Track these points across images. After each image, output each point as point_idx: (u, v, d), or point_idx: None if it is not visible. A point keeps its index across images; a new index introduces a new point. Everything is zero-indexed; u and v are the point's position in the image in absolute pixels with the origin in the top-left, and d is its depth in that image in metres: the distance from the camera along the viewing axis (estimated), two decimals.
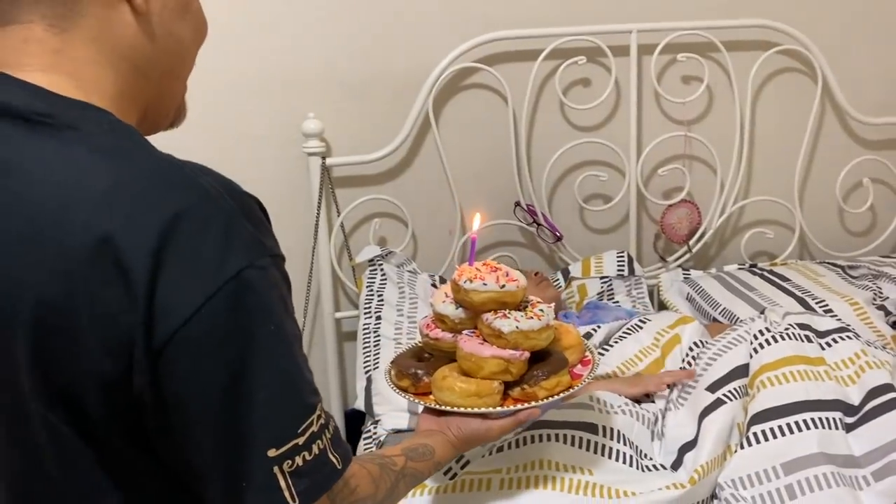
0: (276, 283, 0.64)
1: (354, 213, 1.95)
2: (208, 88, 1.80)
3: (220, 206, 0.63)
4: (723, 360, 1.32)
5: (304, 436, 0.62)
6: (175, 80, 0.78)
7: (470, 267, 1.01)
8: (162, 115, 0.79)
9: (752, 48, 2.02)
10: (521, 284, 1.00)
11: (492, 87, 1.95)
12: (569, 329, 1.09)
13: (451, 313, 1.02)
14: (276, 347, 0.62)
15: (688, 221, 2.06)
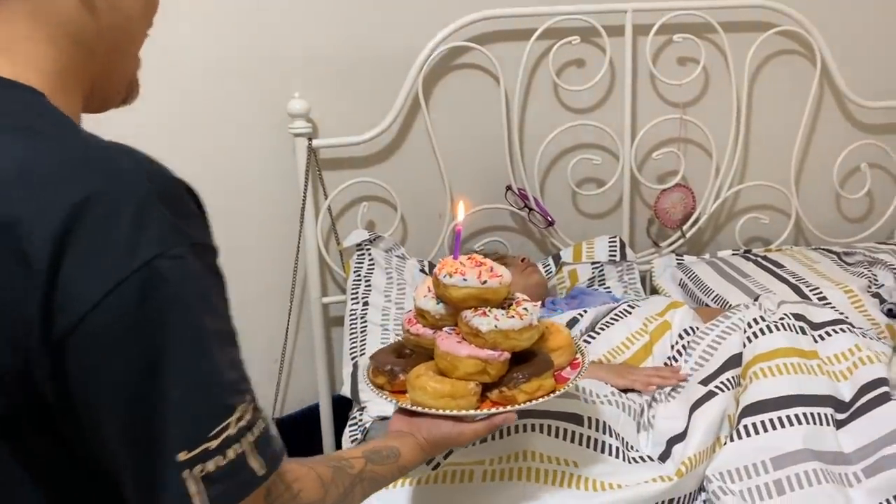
0: (196, 275, 0.60)
1: (342, 197, 1.91)
2: (192, 68, 1.76)
3: (136, 190, 0.58)
4: (717, 353, 1.29)
5: (217, 439, 0.58)
6: (123, 55, 0.74)
7: (453, 260, 0.96)
8: (111, 92, 0.75)
9: (749, 29, 1.97)
10: (505, 281, 0.95)
11: (483, 68, 1.90)
12: (559, 329, 1.04)
13: (432, 308, 0.98)
14: (189, 344, 0.58)
15: (682, 206, 2.03)
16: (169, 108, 1.77)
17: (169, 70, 1.75)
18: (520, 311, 0.94)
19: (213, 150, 1.82)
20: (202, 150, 1.81)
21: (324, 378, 1.95)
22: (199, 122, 1.80)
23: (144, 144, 1.90)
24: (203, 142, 1.81)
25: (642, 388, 1.29)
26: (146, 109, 1.73)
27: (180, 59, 1.75)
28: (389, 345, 1.11)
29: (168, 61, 1.74)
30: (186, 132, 1.80)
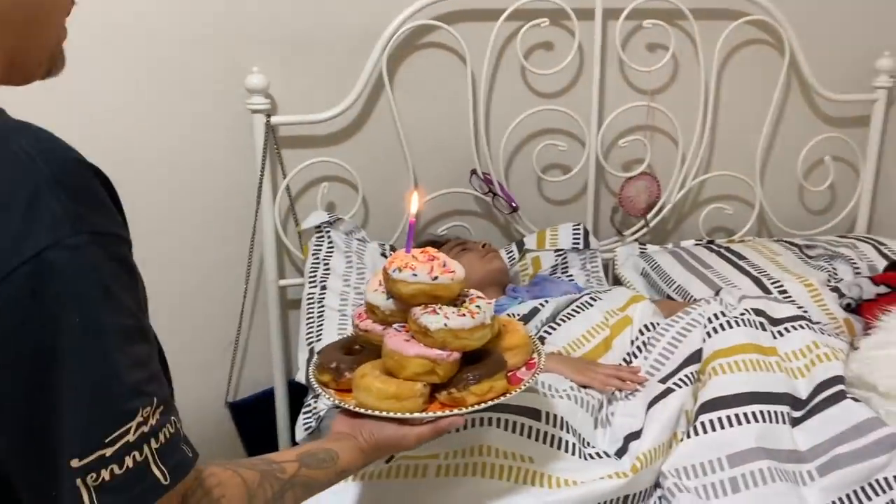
0: (95, 266, 0.55)
1: (301, 176, 1.85)
2: (145, 36, 1.69)
3: (28, 174, 0.54)
4: (677, 352, 1.27)
5: (112, 447, 0.54)
6: (42, 27, 0.68)
7: (405, 254, 0.92)
8: (31, 64, 0.70)
9: (720, 17, 1.95)
10: (458, 277, 0.90)
11: (450, 48, 1.85)
12: (516, 327, 1.00)
13: (382, 304, 0.93)
14: (83, 343, 0.54)
15: (646, 195, 2.01)
16: (121, 78, 1.70)
17: (122, 38, 1.67)
18: (472, 308, 0.89)
19: (168, 123, 1.75)
20: (156, 123, 1.74)
21: (279, 362, 1.90)
22: (153, 93, 1.72)
23: (94, 116, 1.83)
24: (157, 114, 1.74)
25: (600, 388, 1.26)
26: (97, 80, 1.67)
27: (134, 27, 1.67)
28: (340, 339, 1.06)
29: (122, 29, 1.67)
30: (139, 104, 1.72)
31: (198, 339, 1.91)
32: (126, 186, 1.83)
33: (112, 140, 1.72)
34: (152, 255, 1.81)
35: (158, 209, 1.80)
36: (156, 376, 0.59)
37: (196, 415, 1.93)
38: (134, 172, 1.76)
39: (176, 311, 1.87)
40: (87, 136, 1.68)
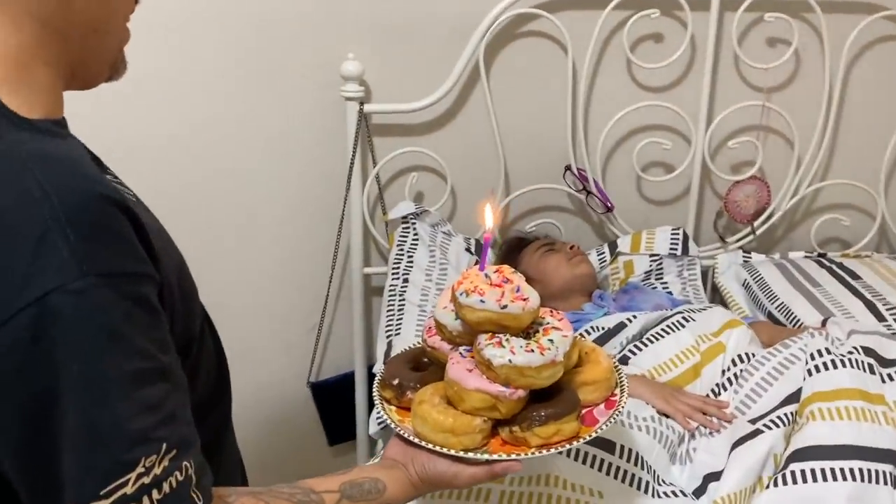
0: (103, 310, 0.53)
1: (391, 165, 1.83)
2: (239, 21, 1.69)
3: (39, 212, 0.52)
4: (771, 391, 1.18)
5: (108, 498, 0.52)
6: (104, 35, 0.67)
7: (476, 273, 0.84)
8: (93, 72, 0.69)
9: (852, 10, 1.78)
10: (530, 306, 0.81)
11: (551, 36, 1.77)
12: (599, 357, 0.90)
13: (449, 324, 0.86)
14: (82, 392, 0.52)
15: (755, 200, 1.88)
16: (215, 63, 1.71)
17: (217, 23, 1.68)
18: (543, 342, 0.81)
19: (261, 108, 1.76)
20: (249, 108, 1.75)
21: (360, 348, 1.91)
22: (247, 78, 1.73)
23: (188, 101, 1.85)
24: (250, 100, 1.75)
25: (682, 422, 1.18)
26: (192, 66, 1.69)
27: (230, 12, 1.67)
28: (409, 350, 1.00)
29: (216, 13, 1.67)
30: (234, 88, 1.73)
31: (283, 321, 1.94)
32: (219, 169, 1.87)
33: (205, 125, 1.74)
34: (243, 238, 1.85)
35: (251, 193, 1.82)
36: (172, 417, 0.57)
37: (279, 393, 1.98)
38: (227, 157, 1.78)
39: (263, 293, 1.90)
40: (182, 121, 1.73)
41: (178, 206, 1.78)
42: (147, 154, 1.72)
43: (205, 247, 1.83)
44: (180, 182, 1.77)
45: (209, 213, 1.81)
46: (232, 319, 1.89)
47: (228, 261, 1.85)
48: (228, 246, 1.85)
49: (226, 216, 1.82)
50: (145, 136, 1.71)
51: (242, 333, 1.92)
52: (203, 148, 1.76)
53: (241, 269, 1.86)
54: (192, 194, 1.78)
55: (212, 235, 1.83)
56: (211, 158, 1.77)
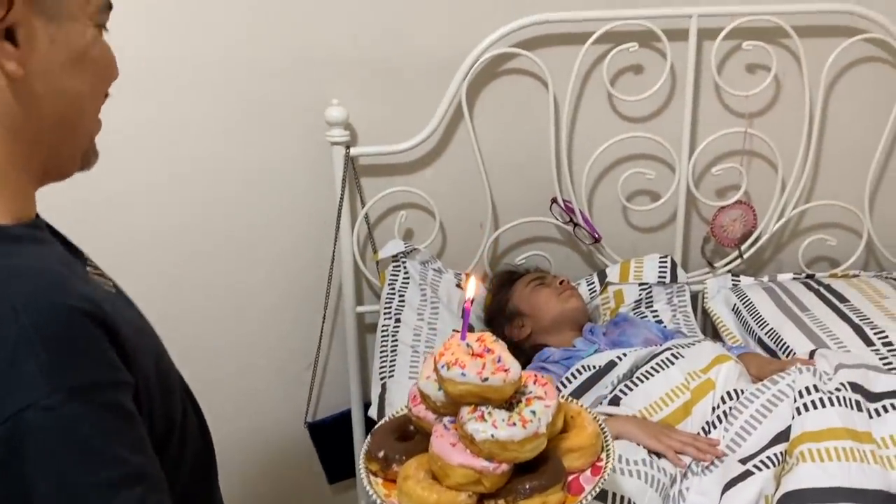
0: (73, 425, 0.54)
1: (380, 203, 1.84)
2: (227, 71, 1.70)
3: (9, 330, 0.53)
4: (761, 429, 1.19)
5: None
6: (72, 132, 0.69)
7: (458, 343, 0.84)
8: (66, 168, 0.72)
9: (828, 34, 1.80)
10: (511, 378, 0.82)
11: (532, 73, 1.79)
12: (584, 422, 0.90)
13: (433, 394, 0.86)
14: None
15: (741, 224, 1.89)
16: (202, 112, 1.72)
17: (203, 73, 1.69)
18: (525, 414, 0.81)
19: (249, 154, 1.77)
20: (238, 155, 1.77)
21: (356, 386, 1.92)
22: (235, 126, 1.74)
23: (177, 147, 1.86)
24: (239, 146, 1.76)
25: (673, 458, 1.20)
26: (180, 111, 1.70)
27: (215, 62, 1.69)
28: (395, 418, 0.99)
29: (202, 63, 1.69)
30: (221, 136, 1.75)
31: (278, 361, 1.95)
32: (208, 215, 1.89)
33: (194, 171, 1.76)
34: (235, 281, 1.86)
35: (242, 236, 1.83)
36: None
37: (276, 434, 1.99)
38: (216, 202, 1.79)
39: (257, 335, 1.91)
40: (171, 167, 1.74)
41: (169, 251, 1.80)
42: (138, 200, 1.74)
43: (197, 291, 1.85)
44: (171, 227, 1.78)
45: (201, 257, 1.82)
46: (227, 364, 1.92)
47: (221, 304, 1.86)
48: (220, 290, 1.86)
49: (217, 260, 1.83)
50: (135, 183, 1.72)
51: (237, 377, 1.94)
52: (193, 194, 1.77)
53: (233, 312, 1.88)
54: (183, 238, 1.80)
55: (204, 280, 1.84)
56: (200, 204, 1.78)
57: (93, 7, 0.70)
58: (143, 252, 1.79)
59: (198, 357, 1.86)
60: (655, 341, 1.55)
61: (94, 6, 0.70)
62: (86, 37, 0.69)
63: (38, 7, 0.65)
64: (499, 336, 1.73)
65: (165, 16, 1.64)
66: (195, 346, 1.86)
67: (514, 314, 1.70)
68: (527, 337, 1.69)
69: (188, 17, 1.65)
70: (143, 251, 1.79)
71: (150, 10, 1.62)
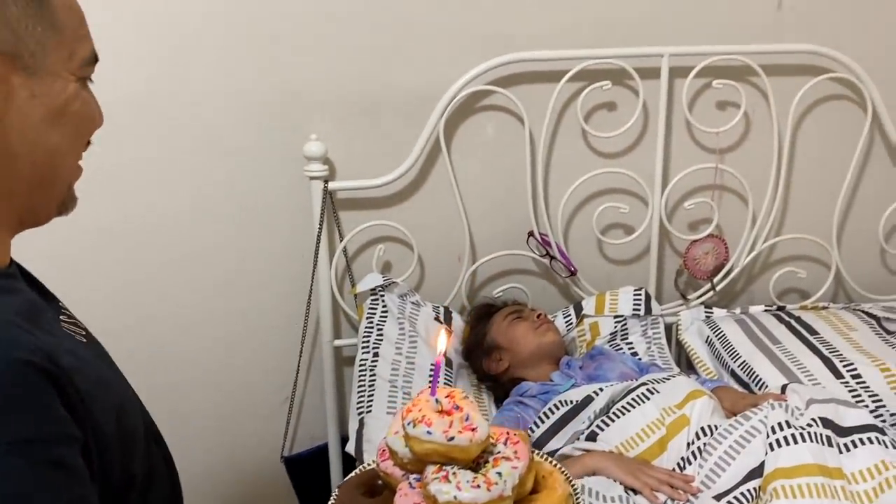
0: (12, 479, 0.55)
1: (359, 237, 1.85)
2: (205, 104, 1.71)
3: None
4: (735, 465, 1.21)
5: None
6: (49, 184, 0.70)
7: (427, 399, 0.82)
8: (41, 216, 0.72)
9: (795, 73, 1.85)
10: (478, 438, 0.78)
11: (508, 109, 1.82)
12: (555, 484, 0.86)
13: (400, 450, 0.83)
14: None
15: (714, 257, 1.93)
16: (182, 146, 1.73)
17: (184, 108, 1.70)
18: (490, 476, 0.78)
19: (228, 187, 1.78)
20: (217, 189, 1.77)
21: (333, 420, 1.91)
22: (214, 159, 1.75)
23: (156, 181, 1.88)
24: (218, 180, 1.77)
25: (649, 496, 1.21)
26: (159, 146, 1.71)
27: (195, 97, 1.70)
28: (362, 472, 0.95)
29: (183, 98, 1.70)
30: (200, 169, 1.75)
31: (255, 394, 1.94)
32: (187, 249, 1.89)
33: (173, 204, 1.76)
34: (213, 313, 1.85)
35: (220, 268, 1.83)
36: None
37: (252, 468, 1.98)
38: (195, 236, 1.79)
39: (234, 366, 1.90)
40: (150, 202, 1.74)
41: (149, 283, 1.80)
42: (117, 232, 1.73)
43: (176, 322, 1.84)
44: (150, 259, 1.78)
45: (179, 289, 1.82)
46: (203, 396, 1.91)
47: (198, 336, 1.86)
48: (198, 322, 1.85)
49: (195, 293, 1.83)
50: (115, 215, 1.72)
51: (213, 410, 1.93)
52: (171, 226, 1.77)
53: (210, 344, 1.87)
54: (162, 270, 1.80)
55: (183, 311, 1.84)
56: (179, 237, 1.79)
57: (76, 62, 0.70)
58: (121, 285, 1.78)
59: (174, 389, 1.86)
60: (631, 375, 1.57)
61: (77, 61, 0.70)
62: (66, 92, 0.69)
63: (19, 63, 0.65)
64: (476, 369, 1.77)
65: (146, 52, 1.65)
66: (172, 378, 1.86)
67: (491, 348, 1.71)
68: (504, 370, 1.70)
69: (169, 52, 1.66)
70: (121, 284, 1.78)
71: (129, 48, 1.63)
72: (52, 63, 0.68)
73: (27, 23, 0.65)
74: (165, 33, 1.65)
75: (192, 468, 1.90)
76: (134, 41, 1.63)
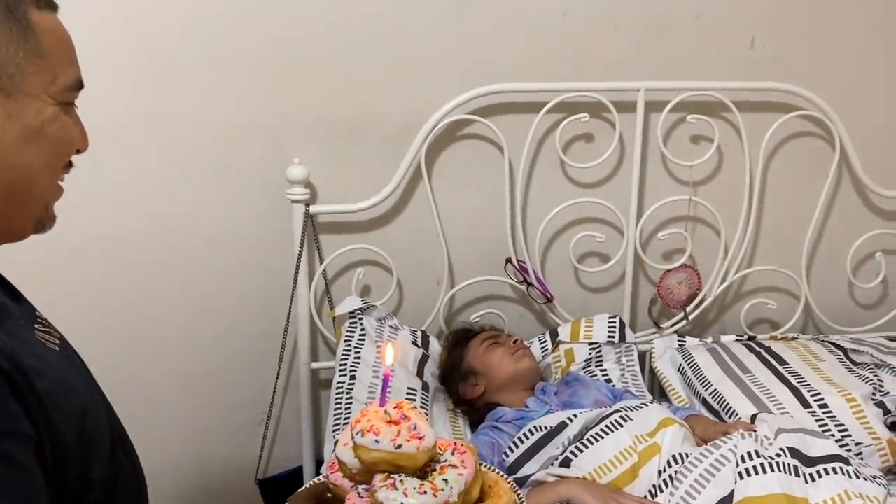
0: None
1: (338, 260, 1.87)
2: (188, 126, 1.73)
3: None
4: (704, 494, 1.23)
5: None
6: (23, 202, 0.72)
7: (376, 410, 0.82)
8: (16, 233, 0.73)
9: (767, 110, 1.91)
10: (426, 445, 0.79)
11: (488, 139, 1.85)
12: (500, 492, 0.87)
13: (349, 461, 0.82)
14: None
15: (687, 286, 1.97)
16: (164, 167, 1.74)
17: (165, 130, 1.72)
18: (437, 482, 0.79)
19: (209, 209, 1.79)
20: (198, 210, 1.79)
21: (309, 442, 1.92)
22: (195, 181, 1.76)
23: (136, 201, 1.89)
24: (199, 201, 1.78)
25: None
26: (140, 166, 1.72)
27: (178, 120, 1.72)
28: (313, 486, 0.96)
29: (165, 122, 1.71)
30: (182, 191, 1.77)
31: (230, 416, 1.94)
32: (167, 268, 1.89)
33: (153, 225, 1.77)
34: (190, 333, 1.86)
35: (198, 289, 1.83)
36: None
37: (226, 491, 1.97)
38: (175, 256, 1.80)
39: (209, 387, 1.90)
40: (131, 220, 1.75)
41: (126, 303, 1.80)
42: (95, 249, 1.74)
43: (152, 341, 1.84)
44: (129, 278, 1.78)
45: (156, 308, 1.82)
46: (176, 418, 1.90)
47: (174, 357, 1.86)
48: (174, 341, 1.85)
49: (173, 312, 1.83)
50: (92, 234, 1.72)
51: (187, 432, 1.92)
52: (151, 247, 1.78)
53: (186, 365, 1.87)
54: (140, 289, 1.80)
55: (159, 330, 1.84)
56: (159, 257, 1.79)
57: (58, 86, 0.72)
58: (97, 305, 1.78)
59: (147, 410, 1.85)
60: (605, 402, 1.59)
61: (59, 85, 0.72)
62: (43, 114, 0.70)
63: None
64: (452, 394, 1.79)
65: (129, 74, 1.66)
66: (145, 398, 1.85)
67: (468, 373, 1.73)
68: (480, 395, 1.72)
69: (151, 74, 1.68)
70: (97, 304, 1.78)
71: (112, 68, 1.64)
72: (30, 85, 0.69)
73: (8, 47, 0.66)
74: (150, 54, 1.67)
75: (164, 489, 1.90)
76: (117, 61, 1.65)
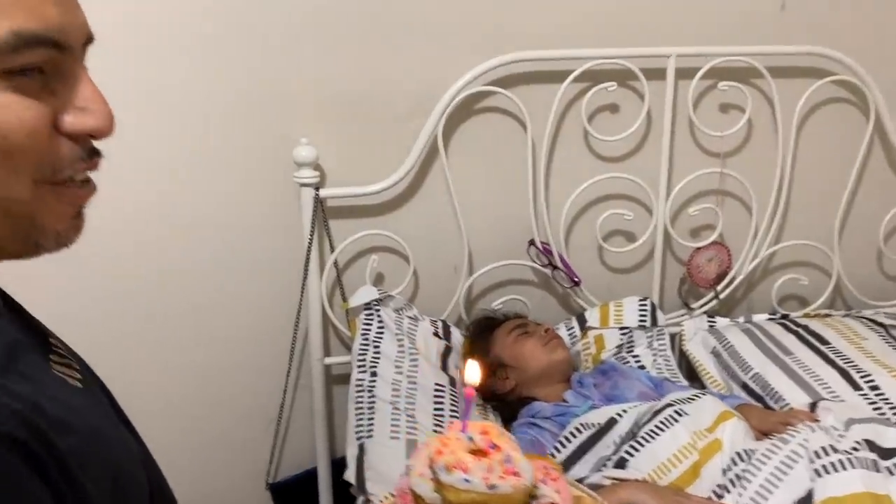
0: None
1: (350, 247, 1.74)
2: (192, 105, 1.58)
3: None
4: (778, 494, 1.14)
5: None
6: None
7: (458, 438, 0.71)
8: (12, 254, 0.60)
9: (800, 75, 1.81)
10: (524, 483, 0.68)
11: (509, 112, 1.72)
12: None
13: (427, 495, 0.72)
14: None
15: (717, 264, 1.87)
16: (167, 151, 1.60)
17: (168, 110, 1.57)
18: None
19: (214, 195, 1.65)
20: (202, 195, 1.65)
21: (323, 442, 1.79)
22: (200, 164, 1.62)
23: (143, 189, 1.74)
24: (204, 186, 1.64)
25: None
26: (145, 149, 1.57)
27: (179, 99, 1.57)
28: None
29: (166, 101, 1.56)
30: (186, 176, 1.62)
31: (239, 416, 1.81)
32: (173, 257, 1.75)
33: (158, 211, 1.63)
34: (196, 329, 1.72)
35: (204, 282, 1.70)
36: None
37: (235, 497, 1.84)
38: (180, 245, 1.66)
39: (217, 386, 1.77)
40: (136, 208, 1.60)
41: (135, 293, 1.66)
42: (103, 242, 1.58)
43: (156, 338, 1.71)
44: (135, 271, 1.65)
45: (162, 301, 1.69)
46: (183, 419, 1.76)
47: (179, 354, 1.73)
48: (178, 338, 1.72)
49: (176, 307, 1.70)
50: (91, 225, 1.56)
51: (194, 434, 1.79)
52: (155, 236, 1.64)
53: (192, 362, 1.74)
54: (147, 282, 1.67)
55: (163, 327, 1.70)
56: (165, 247, 1.65)
57: None
58: (103, 299, 1.64)
59: (152, 410, 1.70)
60: (650, 394, 1.49)
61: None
62: None
63: None
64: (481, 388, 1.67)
65: (130, 51, 1.51)
66: (150, 398, 1.71)
67: (496, 365, 1.62)
68: (511, 389, 1.61)
69: (155, 52, 1.53)
70: (103, 297, 1.64)
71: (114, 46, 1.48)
72: None
73: None
74: (150, 33, 1.51)
75: None
76: (116, 42, 1.48)
